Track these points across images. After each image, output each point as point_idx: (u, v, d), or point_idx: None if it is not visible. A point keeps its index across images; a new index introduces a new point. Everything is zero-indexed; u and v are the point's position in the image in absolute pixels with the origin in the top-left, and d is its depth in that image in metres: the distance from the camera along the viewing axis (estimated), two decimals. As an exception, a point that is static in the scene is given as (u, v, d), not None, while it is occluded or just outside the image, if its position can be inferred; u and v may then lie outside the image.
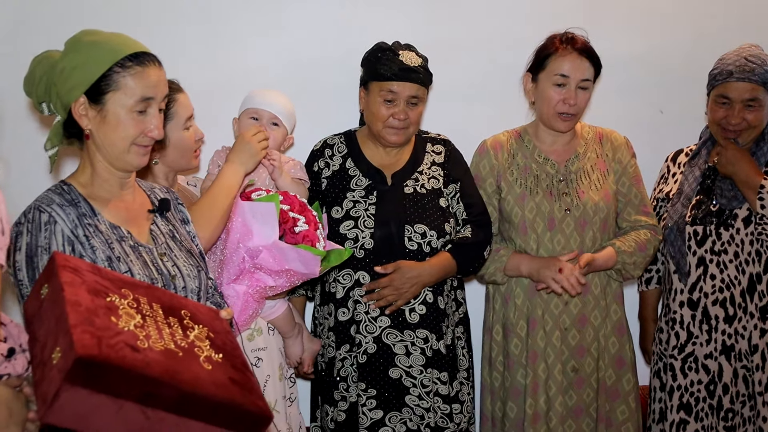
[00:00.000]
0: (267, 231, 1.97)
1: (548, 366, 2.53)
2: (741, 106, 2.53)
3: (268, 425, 1.47)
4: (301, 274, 2.12)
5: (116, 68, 1.62)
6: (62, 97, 1.65)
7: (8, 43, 2.69)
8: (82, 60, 1.62)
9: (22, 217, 1.63)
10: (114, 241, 1.66)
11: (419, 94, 2.45)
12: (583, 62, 2.50)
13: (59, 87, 1.64)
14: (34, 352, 1.39)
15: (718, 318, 2.56)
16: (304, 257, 2.07)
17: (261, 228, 1.97)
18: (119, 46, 1.64)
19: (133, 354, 1.33)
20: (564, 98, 2.50)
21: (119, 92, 1.63)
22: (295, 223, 2.07)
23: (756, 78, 2.50)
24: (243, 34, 2.88)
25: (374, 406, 2.41)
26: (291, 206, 2.15)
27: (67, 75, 1.63)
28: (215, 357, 1.49)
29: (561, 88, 2.51)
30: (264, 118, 2.40)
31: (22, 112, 2.72)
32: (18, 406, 1.49)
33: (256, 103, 2.41)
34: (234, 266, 2.13)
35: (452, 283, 2.54)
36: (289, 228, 2.04)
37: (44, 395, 1.29)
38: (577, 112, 2.54)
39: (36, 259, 1.58)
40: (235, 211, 2.04)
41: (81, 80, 1.62)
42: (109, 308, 1.42)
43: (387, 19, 2.92)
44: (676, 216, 2.63)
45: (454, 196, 2.54)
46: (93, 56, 1.62)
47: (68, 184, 1.70)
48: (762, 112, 2.54)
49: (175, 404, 1.35)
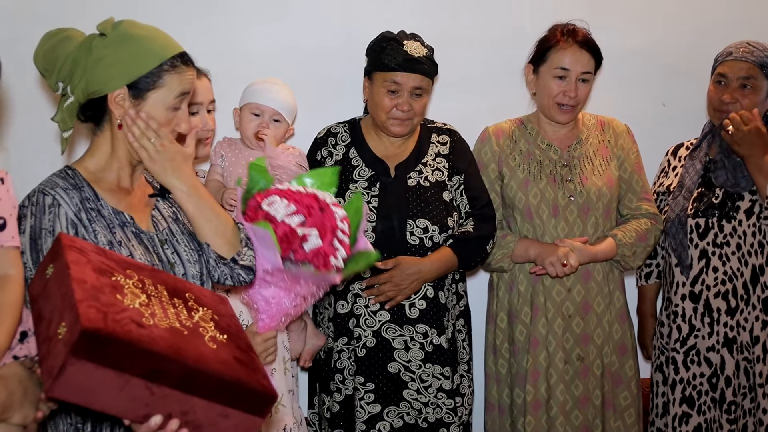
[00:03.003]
0: (270, 255, 1.79)
1: (549, 354, 2.53)
2: (736, 85, 2.53)
3: (272, 404, 1.46)
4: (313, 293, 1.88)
5: (165, 66, 1.64)
6: (93, 84, 1.63)
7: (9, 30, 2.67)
8: (128, 54, 1.62)
9: (26, 200, 1.62)
10: (116, 226, 1.65)
11: (423, 85, 2.44)
12: (583, 55, 2.51)
13: (92, 74, 1.63)
14: (40, 330, 1.38)
15: (720, 310, 2.56)
16: (316, 280, 1.83)
17: (265, 252, 1.81)
18: (167, 45, 1.66)
19: (138, 329, 1.32)
20: (564, 90, 2.52)
21: (162, 89, 1.64)
22: (305, 239, 1.79)
23: (753, 59, 2.51)
24: (244, 22, 2.86)
25: (372, 399, 2.41)
26: (305, 214, 1.81)
27: (108, 65, 1.62)
28: (220, 337, 1.49)
29: (561, 80, 2.52)
30: (266, 113, 2.38)
31: (21, 101, 2.70)
32: (32, 386, 1.50)
33: (258, 98, 2.39)
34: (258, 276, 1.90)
35: (453, 276, 2.53)
36: (297, 246, 1.79)
37: (50, 369, 1.28)
38: (577, 104, 2.55)
39: (40, 241, 1.58)
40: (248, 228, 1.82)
41: (125, 72, 1.62)
42: (115, 287, 1.41)
43: (390, 8, 2.92)
44: (677, 209, 2.63)
45: (458, 188, 2.53)
46: (141, 52, 1.63)
47: (73, 169, 1.70)
48: (757, 97, 2.53)
49: (180, 380, 1.34)
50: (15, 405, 1.45)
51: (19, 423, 1.47)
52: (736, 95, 2.53)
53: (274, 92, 2.41)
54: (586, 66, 2.52)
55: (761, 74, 2.53)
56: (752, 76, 2.52)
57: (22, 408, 1.47)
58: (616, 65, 2.94)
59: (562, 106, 2.54)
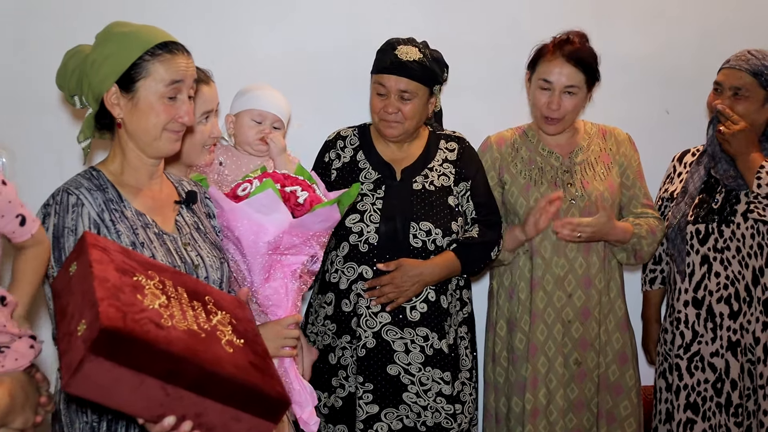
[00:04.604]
0: (279, 217, 1.90)
1: (549, 359, 2.53)
2: (729, 93, 2.56)
3: (285, 410, 1.46)
4: (326, 229, 2.05)
5: (146, 56, 1.65)
6: (94, 88, 1.67)
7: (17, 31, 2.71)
8: (113, 50, 1.65)
9: (50, 199, 1.65)
10: (139, 227, 1.67)
11: (410, 89, 2.43)
12: (568, 69, 2.50)
13: (91, 78, 1.67)
14: (62, 325, 1.40)
15: (723, 315, 2.56)
16: (322, 215, 1.99)
17: (271, 218, 1.90)
18: (149, 36, 1.67)
19: (156, 330, 1.34)
20: (548, 102, 2.53)
21: (149, 79, 1.65)
22: (296, 195, 1.98)
23: (748, 67, 2.53)
24: (249, 25, 2.87)
25: (370, 400, 2.40)
26: (280, 183, 2.05)
27: (99, 66, 1.65)
28: (237, 341, 1.50)
29: (546, 91, 2.53)
30: (268, 120, 2.36)
31: (29, 102, 2.73)
32: (32, 391, 1.51)
33: (261, 105, 2.36)
34: (259, 267, 2.09)
35: (458, 282, 2.53)
36: (293, 204, 1.96)
37: (69, 365, 1.29)
38: (563, 116, 2.55)
39: (62, 239, 1.60)
40: (235, 217, 1.93)
41: (112, 70, 1.65)
42: (135, 287, 1.43)
43: (396, 12, 2.92)
44: (678, 215, 2.65)
45: (464, 195, 2.53)
46: (124, 46, 1.65)
47: (98, 170, 1.72)
48: (750, 105, 2.54)
49: (195, 383, 1.35)
50: (17, 410, 1.46)
51: (19, 428, 1.48)
52: (729, 102, 2.56)
53: (276, 99, 2.40)
54: (570, 80, 2.51)
55: (755, 83, 2.54)
56: (743, 86, 2.54)
57: (23, 412, 1.48)
58: (620, 72, 2.95)
59: (546, 117, 2.55)
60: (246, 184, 2.04)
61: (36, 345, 1.55)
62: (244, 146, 2.38)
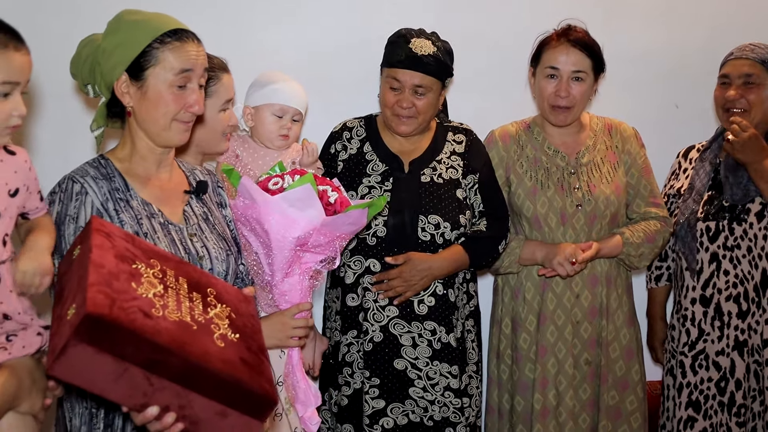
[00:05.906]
0: (312, 213, 1.89)
1: (558, 361, 2.50)
2: (740, 82, 2.51)
3: (272, 409, 1.45)
4: (351, 232, 2.05)
5: (155, 44, 1.64)
6: (105, 76, 1.67)
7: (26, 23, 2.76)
8: (123, 38, 1.65)
9: (56, 186, 1.66)
10: (144, 217, 1.67)
11: (426, 84, 2.38)
12: (575, 53, 2.45)
13: (102, 67, 1.67)
14: (56, 308, 1.42)
15: (731, 314, 2.52)
16: (353, 217, 1.99)
17: (304, 213, 1.89)
18: (159, 24, 1.66)
19: (144, 319, 1.33)
20: (556, 90, 2.46)
21: (158, 67, 1.64)
22: (327, 194, 1.97)
23: (754, 56, 2.50)
24: (258, 21, 2.85)
25: (377, 395, 2.38)
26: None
27: (109, 54, 1.65)
28: (231, 336, 1.48)
29: (553, 79, 2.47)
30: (289, 114, 2.32)
31: (36, 92, 2.71)
32: (40, 376, 1.53)
33: (282, 99, 2.31)
34: (282, 261, 2.08)
35: (464, 275, 2.49)
36: (325, 203, 1.95)
37: (54, 348, 1.30)
38: (572, 104, 2.48)
39: (63, 227, 1.61)
40: (267, 210, 1.92)
41: (122, 58, 1.64)
42: (132, 274, 1.43)
43: (405, 7, 2.88)
44: (687, 212, 2.59)
45: (472, 187, 2.48)
46: (133, 34, 1.64)
47: (106, 159, 1.72)
48: (762, 93, 2.50)
49: (179, 374, 1.34)
50: (24, 394, 1.49)
51: (27, 411, 1.51)
52: (741, 91, 2.52)
53: (296, 91, 2.34)
54: (577, 64, 2.45)
55: (763, 70, 2.51)
56: (754, 73, 2.51)
57: (30, 396, 1.51)
58: (629, 67, 2.92)
59: (555, 107, 2.49)
60: (277, 179, 2.03)
61: (44, 333, 1.57)
62: (264, 140, 2.36)
